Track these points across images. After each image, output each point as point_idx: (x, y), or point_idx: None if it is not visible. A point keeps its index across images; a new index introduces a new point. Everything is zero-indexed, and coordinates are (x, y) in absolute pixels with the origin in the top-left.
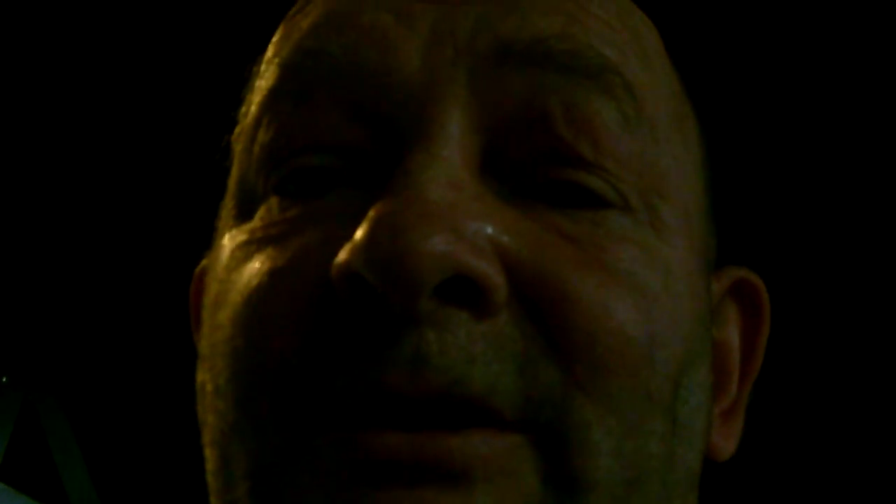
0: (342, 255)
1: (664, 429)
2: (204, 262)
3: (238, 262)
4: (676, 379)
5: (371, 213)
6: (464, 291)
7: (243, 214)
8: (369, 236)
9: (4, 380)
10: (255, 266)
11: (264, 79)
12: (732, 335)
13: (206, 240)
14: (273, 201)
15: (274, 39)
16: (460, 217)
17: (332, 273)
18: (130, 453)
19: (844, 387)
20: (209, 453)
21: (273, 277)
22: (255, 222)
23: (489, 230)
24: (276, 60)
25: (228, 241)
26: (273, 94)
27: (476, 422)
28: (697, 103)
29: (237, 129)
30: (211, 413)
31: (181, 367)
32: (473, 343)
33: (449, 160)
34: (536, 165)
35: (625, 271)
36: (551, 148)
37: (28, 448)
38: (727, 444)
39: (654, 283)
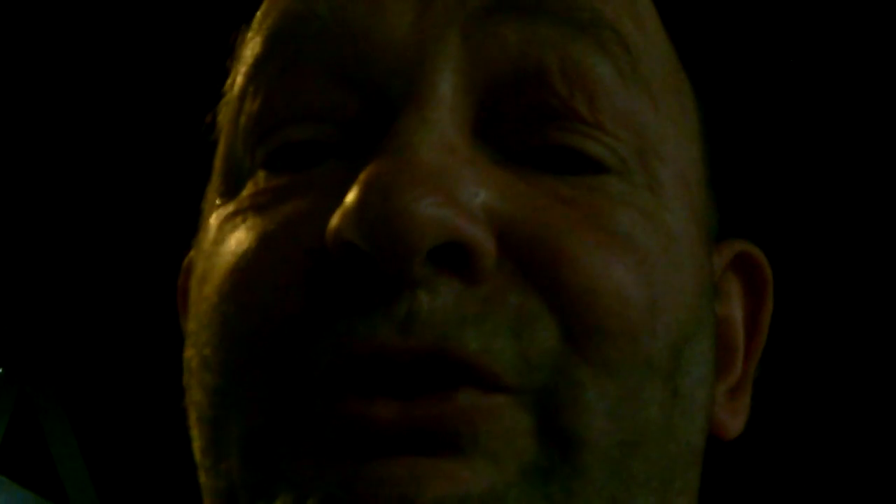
0: (334, 221)
1: (664, 396)
2: (192, 252)
3: (225, 233)
4: (678, 347)
5: (361, 177)
6: (454, 256)
7: (230, 191)
8: (360, 200)
9: (0, 371)
10: (243, 235)
11: (250, 47)
12: (736, 311)
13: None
14: (261, 175)
15: (262, 8)
16: (453, 180)
17: (325, 238)
18: (127, 444)
19: (850, 365)
20: (197, 431)
21: (262, 243)
22: (243, 194)
23: (482, 194)
24: (263, 27)
25: (214, 219)
26: (259, 62)
27: (469, 381)
28: (694, 76)
29: (222, 101)
30: (198, 389)
31: (177, 359)
32: (465, 306)
33: (441, 123)
34: (531, 126)
35: (624, 234)
36: (546, 105)
37: (25, 439)
38: (735, 421)
39: (655, 247)
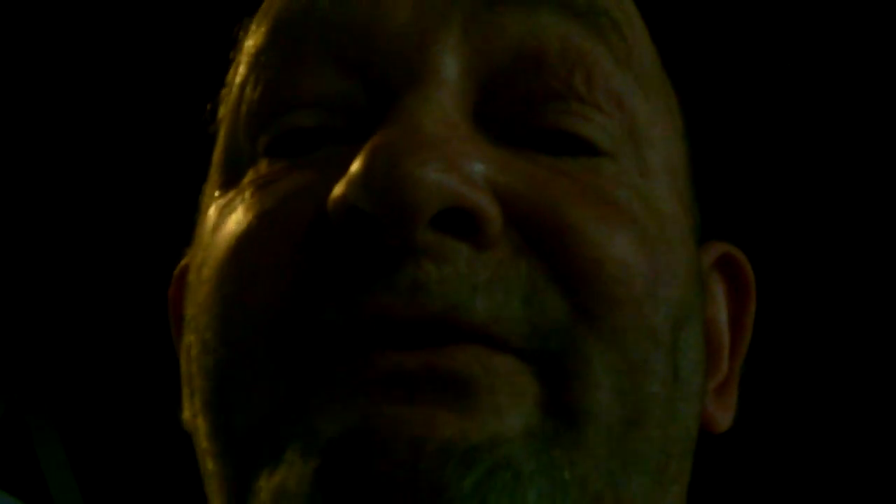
0: (339, 189)
1: (666, 372)
2: (184, 261)
3: (223, 217)
4: (677, 325)
5: (367, 146)
6: (459, 225)
7: (231, 181)
8: (366, 166)
9: None
10: (241, 215)
11: (252, 38)
12: (721, 312)
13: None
14: (263, 162)
15: (266, 1)
16: (455, 151)
17: (328, 207)
18: (115, 454)
19: (834, 364)
20: (203, 418)
21: (262, 218)
22: (243, 182)
23: (482, 167)
24: (266, 18)
25: (213, 209)
26: (261, 52)
27: (477, 341)
28: (675, 80)
29: (223, 91)
30: (200, 374)
31: (167, 370)
32: (475, 273)
33: (443, 102)
34: (531, 107)
35: (624, 207)
36: (546, 86)
37: (13, 448)
38: (723, 416)
39: (652, 225)
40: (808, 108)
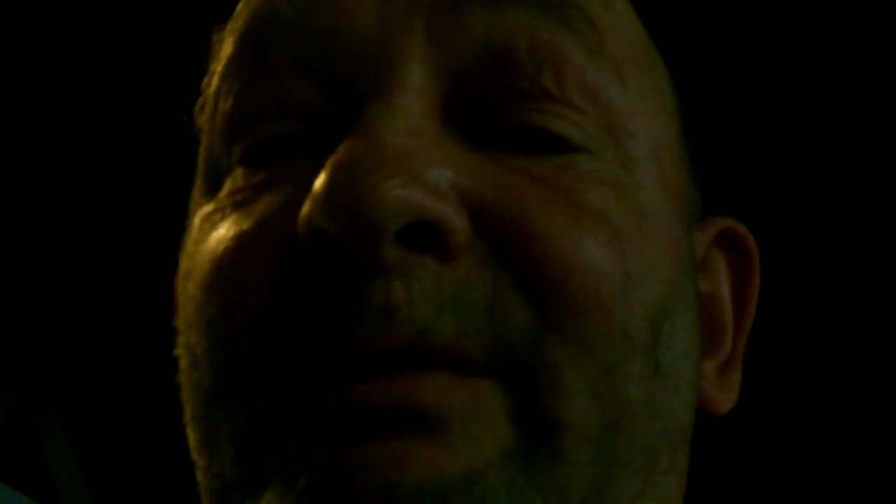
0: (304, 210)
1: (644, 373)
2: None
3: (205, 232)
4: (656, 322)
5: (328, 163)
6: (427, 237)
7: (211, 189)
8: (327, 185)
9: None
10: (221, 232)
11: (223, 47)
12: (723, 287)
13: None
14: (238, 172)
15: (237, 9)
16: (419, 163)
17: (297, 229)
18: (120, 447)
19: (838, 342)
20: (191, 430)
21: (239, 241)
22: (222, 193)
23: (450, 174)
24: (233, 28)
25: (197, 218)
26: (231, 62)
27: (446, 366)
28: (667, 55)
29: (199, 101)
30: (188, 387)
31: (169, 363)
32: (441, 289)
33: (407, 108)
34: (501, 108)
35: (595, 210)
36: (515, 86)
37: (19, 442)
38: (726, 396)
39: (628, 223)
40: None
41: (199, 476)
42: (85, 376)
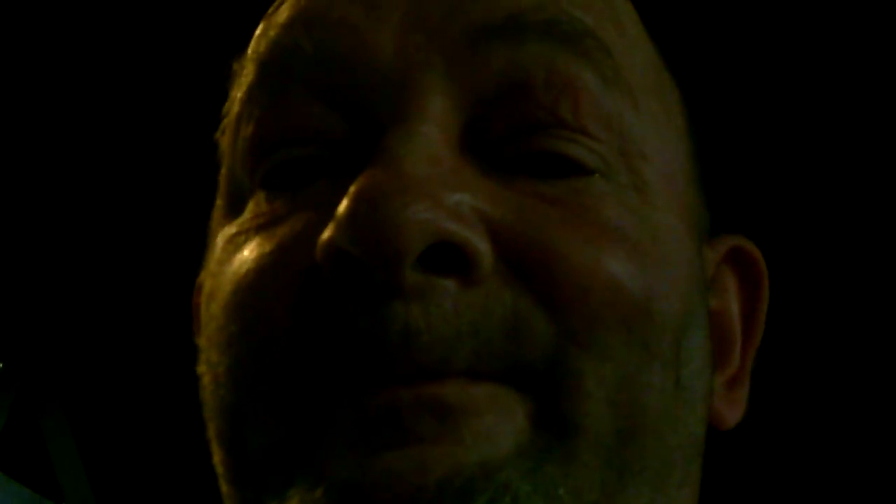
0: (326, 234)
1: (664, 384)
2: (201, 276)
3: (228, 254)
4: (677, 334)
5: (351, 190)
6: (450, 260)
7: (234, 211)
8: (350, 210)
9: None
10: (244, 255)
11: (244, 75)
12: (732, 304)
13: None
14: (260, 195)
15: (255, 35)
16: (440, 188)
17: (317, 253)
18: (123, 441)
19: (847, 356)
20: (216, 444)
21: (261, 264)
22: (245, 216)
23: (470, 199)
24: (254, 57)
25: (220, 238)
26: (251, 90)
27: (464, 375)
28: (678, 76)
29: (222, 125)
30: (212, 405)
31: (174, 359)
32: (460, 315)
33: (427, 136)
34: (517, 137)
35: (613, 227)
36: (532, 116)
37: (22, 436)
38: (733, 412)
39: (644, 240)
40: (819, 102)
41: (225, 487)
42: (90, 372)
